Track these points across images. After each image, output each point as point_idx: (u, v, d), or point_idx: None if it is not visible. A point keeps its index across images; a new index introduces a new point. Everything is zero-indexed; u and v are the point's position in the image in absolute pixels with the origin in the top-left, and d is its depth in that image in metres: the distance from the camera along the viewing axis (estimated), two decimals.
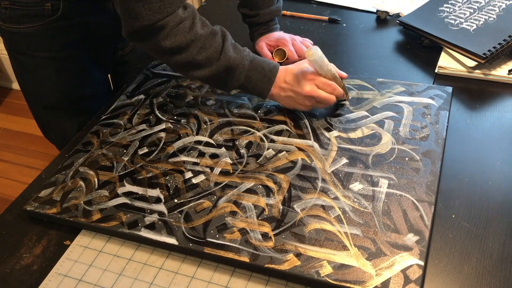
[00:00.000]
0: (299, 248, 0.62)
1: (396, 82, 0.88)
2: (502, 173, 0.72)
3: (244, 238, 0.64)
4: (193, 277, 0.64)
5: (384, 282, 0.58)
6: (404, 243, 0.62)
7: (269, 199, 0.69)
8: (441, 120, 0.79)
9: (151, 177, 0.76)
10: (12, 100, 2.37)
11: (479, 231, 0.65)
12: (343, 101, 0.86)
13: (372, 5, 1.15)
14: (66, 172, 0.79)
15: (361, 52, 1.03)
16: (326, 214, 0.66)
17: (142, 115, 0.89)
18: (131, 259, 0.67)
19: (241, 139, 0.81)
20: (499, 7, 0.99)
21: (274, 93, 0.82)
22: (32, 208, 0.73)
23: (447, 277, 0.60)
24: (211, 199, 0.71)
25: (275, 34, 1.02)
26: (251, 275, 0.63)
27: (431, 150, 0.74)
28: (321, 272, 0.59)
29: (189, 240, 0.65)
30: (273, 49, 1.01)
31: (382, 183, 0.70)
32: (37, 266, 0.68)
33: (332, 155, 0.75)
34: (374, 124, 0.80)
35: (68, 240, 0.71)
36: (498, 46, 0.88)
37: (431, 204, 0.66)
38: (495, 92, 0.87)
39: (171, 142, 0.82)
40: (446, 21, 1.00)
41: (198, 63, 0.78)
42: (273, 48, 1.01)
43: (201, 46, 0.77)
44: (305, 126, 0.82)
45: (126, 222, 0.69)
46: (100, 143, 0.84)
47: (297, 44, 1.01)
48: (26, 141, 2.11)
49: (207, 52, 0.78)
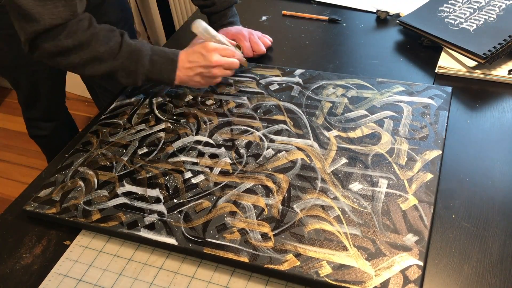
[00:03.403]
0: (299, 248, 0.62)
1: (395, 81, 0.88)
2: (502, 173, 0.72)
3: (243, 238, 0.64)
4: (193, 277, 0.64)
5: (384, 283, 0.58)
6: (404, 244, 0.61)
7: (268, 199, 0.69)
8: (440, 120, 0.79)
9: (150, 177, 0.76)
10: (12, 100, 2.37)
11: (479, 231, 0.64)
12: (241, 66, 0.93)
13: (372, 5, 1.15)
14: (65, 172, 0.79)
15: (361, 52, 1.03)
16: (325, 214, 0.66)
17: (141, 114, 0.89)
18: (131, 259, 0.67)
19: (241, 139, 0.81)
20: (499, 7, 0.99)
21: (182, 76, 0.86)
22: (32, 208, 0.73)
23: (447, 277, 0.60)
24: (211, 199, 0.71)
25: (234, 28, 1.03)
26: (251, 275, 0.63)
27: (430, 150, 0.74)
28: (321, 272, 0.59)
29: (189, 240, 0.65)
30: None
31: (381, 183, 0.70)
32: (37, 266, 0.68)
33: (332, 155, 0.75)
34: (373, 123, 0.80)
35: (68, 240, 0.71)
36: (498, 46, 0.88)
37: (430, 204, 0.66)
38: (495, 92, 0.87)
39: (171, 142, 0.82)
40: (446, 21, 1.00)
41: (102, 56, 0.81)
42: None
43: (102, 39, 0.81)
44: (305, 125, 0.82)
45: (126, 222, 0.69)
46: (99, 143, 0.84)
47: (253, 39, 1.02)
48: (26, 141, 2.11)
49: (109, 44, 0.81)
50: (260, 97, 0.89)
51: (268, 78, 0.94)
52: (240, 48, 1.00)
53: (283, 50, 1.06)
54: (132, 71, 0.84)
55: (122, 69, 0.83)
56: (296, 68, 0.95)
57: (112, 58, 0.82)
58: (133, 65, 0.83)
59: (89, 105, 2.20)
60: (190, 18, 1.25)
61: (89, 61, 0.82)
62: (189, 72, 0.86)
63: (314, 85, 0.90)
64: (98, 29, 0.81)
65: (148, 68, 0.84)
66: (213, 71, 0.86)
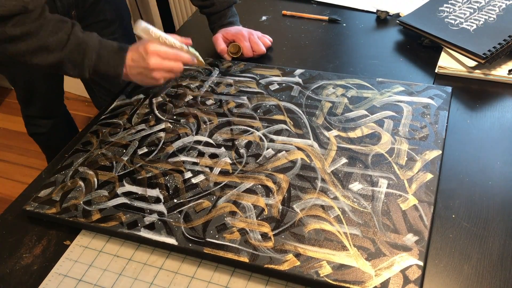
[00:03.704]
0: (299, 248, 0.62)
1: (395, 81, 0.88)
2: (502, 173, 0.72)
3: (243, 238, 0.64)
4: (193, 277, 0.64)
5: (384, 283, 0.58)
6: (404, 243, 0.61)
7: (268, 199, 0.69)
8: (440, 120, 0.79)
9: (150, 177, 0.76)
10: (12, 100, 2.37)
11: (479, 231, 0.64)
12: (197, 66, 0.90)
13: (372, 5, 1.15)
14: (65, 172, 0.79)
15: (361, 52, 1.03)
16: (325, 214, 0.66)
17: (141, 114, 0.89)
18: (131, 259, 0.67)
19: (241, 139, 0.81)
20: (499, 7, 0.99)
21: (127, 72, 0.85)
22: (32, 208, 0.73)
23: (447, 277, 0.60)
24: (211, 199, 0.71)
25: (234, 28, 1.03)
26: (251, 275, 0.63)
27: (430, 150, 0.74)
28: (321, 272, 0.59)
29: (189, 240, 0.65)
30: (228, 42, 1.03)
31: (381, 183, 0.70)
32: (37, 266, 0.68)
33: (332, 155, 0.75)
34: (373, 123, 0.80)
35: (68, 240, 0.71)
36: (498, 46, 0.88)
37: (430, 204, 0.66)
38: (495, 92, 0.87)
39: (171, 142, 0.82)
40: (446, 21, 1.00)
41: (50, 47, 0.80)
42: (229, 41, 1.03)
43: (51, 30, 0.80)
44: (305, 125, 0.82)
45: (126, 222, 0.69)
46: (99, 143, 0.84)
47: (253, 39, 1.01)
48: (26, 141, 2.11)
49: (58, 35, 0.80)
50: (260, 97, 0.89)
51: (268, 78, 0.94)
52: (240, 48, 1.00)
53: (283, 50, 1.06)
54: (78, 63, 0.83)
55: (69, 61, 0.83)
56: (296, 68, 0.95)
57: (60, 49, 0.81)
58: (79, 58, 0.82)
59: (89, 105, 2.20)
60: (190, 18, 1.25)
61: (37, 50, 0.81)
62: (132, 70, 0.85)
63: (314, 85, 0.90)
64: (48, 19, 0.81)
65: (95, 62, 0.83)
66: (153, 74, 0.84)
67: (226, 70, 0.98)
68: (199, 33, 1.15)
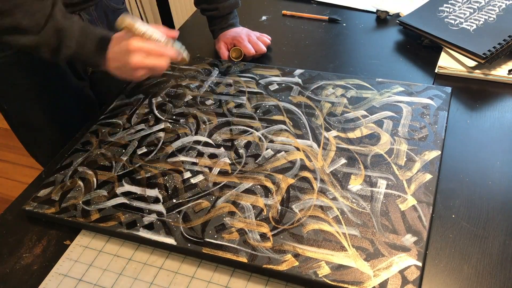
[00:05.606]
0: (297, 248, 0.62)
1: (395, 82, 0.88)
2: (502, 173, 0.72)
3: (242, 239, 0.64)
4: (193, 277, 0.64)
5: (382, 283, 0.58)
6: (402, 244, 0.61)
7: (267, 199, 0.69)
8: (439, 121, 0.79)
9: (149, 177, 0.76)
10: None
11: (479, 231, 0.64)
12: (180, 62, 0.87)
13: (372, 5, 1.15)
14: (65, 172, 0.79)
15: (361, 52, 1.03)
16: (324, 215, 0.66)
17: (141, 114, 0.89)
18: (131, 259, 0.67)
19: (240, 139, 0.81)
20: (499, 7, 0.99)
21: (108, 64, 0.79)
22: (31, 208, 0.73)
23: (447, 278, 0.60)
24: (210, 199, 0.71)
25: (231, 32, 1.03)
26: (251, 275, 0.63)
27: (429, 151, 0.74)
28: (319, 272, 0.59)
29: (188, 240, 0.65)
30: (229, 47, 1.03)
31: (380, 183, 0.70)
32: (37, 266, 0.68)
33: (331, 155, 0.75)
34: (373, 124, 0.80)
35: (68, 240, 0.71)
36: (498, 46, 0.88)
37: (429, 205, 0.66)
38: (495, 92, 0.87)
39: (170, 142, 0.82)
40: (446, 21, 1.00)
41: (24, 29, 0.74)
42: (229, 45, 1.03)
43: (27, 10, 0.73)
44: (304, 126, 0.82)
45: (125, 222, 0.69)
46: (99, 142, 0.84)
47: (252, 39, 1.02)
48: None
49: (34, 17, 0.74)
50: (260, 97, 0.89)
51: (268, 78, 0.94)
52: (241, 51, 1.00)
53: (283, 50, 1.06)
54: (55, 49, 0.77)
55: (46, 45, 0.77)
56: (295, 68, 0.95)
57: (36, 33, 0.75)
58: (57, 45, 0.76)
59: None
60: (190, 18, 1.25)
61: (10, 30, 0.75)
62: (112, 63, 0.79)
63: (313, 85, 0.90)
64: None
65: (74, 50, 0.77)
66: (134, 72, 0.78)
67: (226, 70, 0.98)
68: (199, 33, 1.15)
